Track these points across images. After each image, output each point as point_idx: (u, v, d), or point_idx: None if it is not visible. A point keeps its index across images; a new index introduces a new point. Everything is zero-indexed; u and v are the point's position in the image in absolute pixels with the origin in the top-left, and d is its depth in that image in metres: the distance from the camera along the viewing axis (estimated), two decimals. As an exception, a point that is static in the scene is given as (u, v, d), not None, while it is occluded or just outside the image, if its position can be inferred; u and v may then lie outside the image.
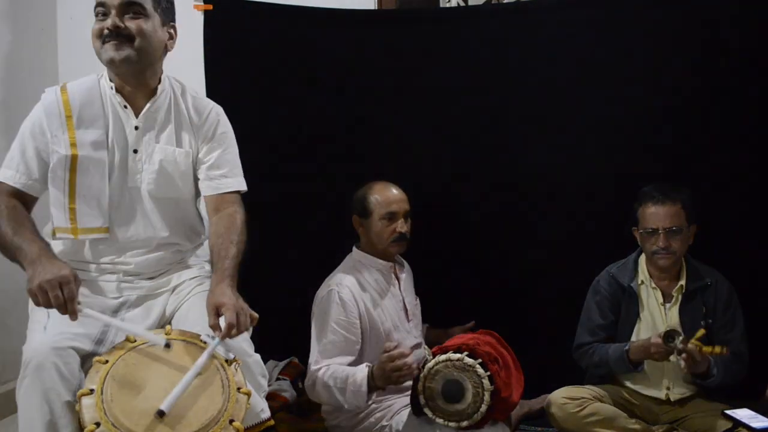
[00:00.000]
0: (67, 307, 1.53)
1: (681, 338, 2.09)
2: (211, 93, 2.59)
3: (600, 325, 2.34)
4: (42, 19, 3.03)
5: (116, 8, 1.77)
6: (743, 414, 2.00)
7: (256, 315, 1.69)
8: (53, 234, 1.85)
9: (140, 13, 1.79)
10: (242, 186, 1.99)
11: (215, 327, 1.64)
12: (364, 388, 2.03)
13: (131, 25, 1.77)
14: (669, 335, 2.10)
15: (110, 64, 1.80)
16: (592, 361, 2.33)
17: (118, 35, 1.76)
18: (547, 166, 2.64)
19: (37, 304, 1.55)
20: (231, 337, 1.63)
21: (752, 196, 2.49)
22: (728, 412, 2.02)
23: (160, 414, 1.45)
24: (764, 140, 2.46)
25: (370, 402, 2.09)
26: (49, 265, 1.58)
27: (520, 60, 2.63)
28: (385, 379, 2.00)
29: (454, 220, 2.72)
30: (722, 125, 2.49)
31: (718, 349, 2.06)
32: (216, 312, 1.64)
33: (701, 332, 2.11)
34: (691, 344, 2.06)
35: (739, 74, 2.45)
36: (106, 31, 1.76)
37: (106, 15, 1.77)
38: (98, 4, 1.78)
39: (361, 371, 2.05)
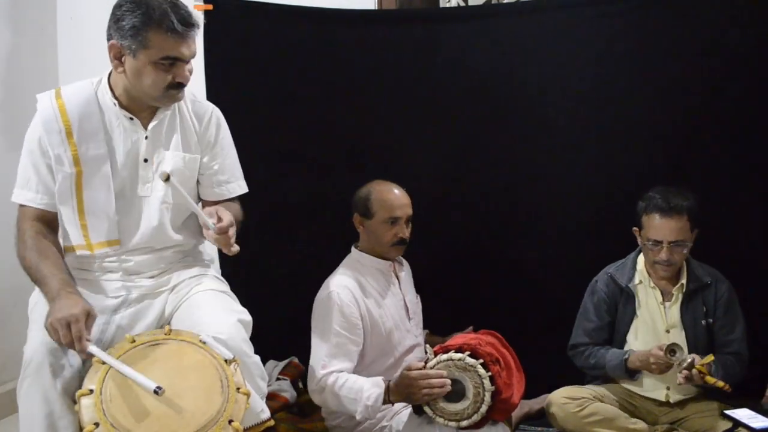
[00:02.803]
0: (75, 346, 1.56)
1: (684, 353, 2.08)
2: (211, 93, 2.58)
3: (596, 327, 2.34)
4: (42, 19, 3.02)
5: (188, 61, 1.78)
6: (743, 414, 2.00)
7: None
8: (72, 251, 1.84)
9: None
10: (243, 189, 2.02)
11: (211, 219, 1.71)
12: (379, 403, 2.00)
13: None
14: (671, 349, 2.08)
15: (170, 103, 1.85)
16: (588, 363, 2.33)
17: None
18: (548, 167, 2.64)
19: (53, 340, 1.58)
20: (221, 231, 1.68)
21: (752, 196, 2.49)
22: (728, 412, 2.02)
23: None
24: (764, 140, 2.46)
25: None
26: (64, 302, 1.59)
27: (521, 60, 2.63)
28: (406, 395, 1.96)
29: (454, 221, 2.72)
30: (722, 125, 2.49)
31: (721, 384, 2.04)
32: (215, 213, 1.72)
33: (709, 358, 2.09)
34: (696, 369, 2.04)
35: (740, 74, 2.45)
36: (182, 83, 1.77)
37: (173, 66, 1.74)
38: (176, 58, 1.72)
39: (377, 386, 2.02)
